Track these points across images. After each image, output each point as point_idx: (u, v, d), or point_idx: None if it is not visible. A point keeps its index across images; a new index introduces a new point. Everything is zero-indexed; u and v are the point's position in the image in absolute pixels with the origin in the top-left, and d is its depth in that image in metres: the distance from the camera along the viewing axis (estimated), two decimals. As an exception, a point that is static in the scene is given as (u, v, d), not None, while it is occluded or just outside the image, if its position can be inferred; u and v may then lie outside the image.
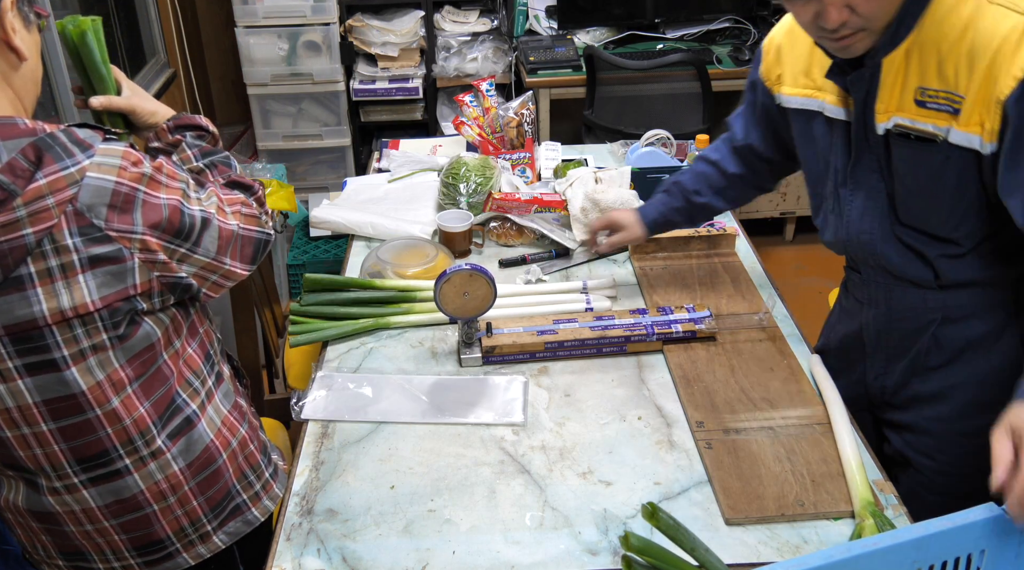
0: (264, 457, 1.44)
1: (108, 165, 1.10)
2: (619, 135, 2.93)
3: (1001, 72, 1.20)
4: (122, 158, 1.12)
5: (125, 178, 1.11)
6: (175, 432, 1.27)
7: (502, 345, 1.67)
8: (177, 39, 3.61)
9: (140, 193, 1.13)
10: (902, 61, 1.30)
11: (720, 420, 1.50)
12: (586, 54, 3.42)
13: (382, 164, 2.60)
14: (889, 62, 1.31)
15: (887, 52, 1.30)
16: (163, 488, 1.28)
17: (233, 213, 1.28)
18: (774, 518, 1.30)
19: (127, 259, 1.13)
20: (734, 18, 3.75)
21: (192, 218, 1.19)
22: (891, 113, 1.34)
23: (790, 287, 1.87)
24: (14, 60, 1.16)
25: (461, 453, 1.46)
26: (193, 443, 1.29)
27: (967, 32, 1.23)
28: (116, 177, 1.11)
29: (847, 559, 0.91)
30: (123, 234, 1.12)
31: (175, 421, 1.27)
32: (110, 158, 1.11)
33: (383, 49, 3.75)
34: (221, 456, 1.33)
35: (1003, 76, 1.20)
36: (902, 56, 1.30)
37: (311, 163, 3.98)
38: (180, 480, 1.29)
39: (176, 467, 1.28)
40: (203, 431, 1.31)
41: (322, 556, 1.27)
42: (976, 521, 0.98)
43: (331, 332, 1.76)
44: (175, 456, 1.28)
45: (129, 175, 1.12)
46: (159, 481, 1.27)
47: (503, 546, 1.28)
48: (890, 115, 1.34)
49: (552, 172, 2.36)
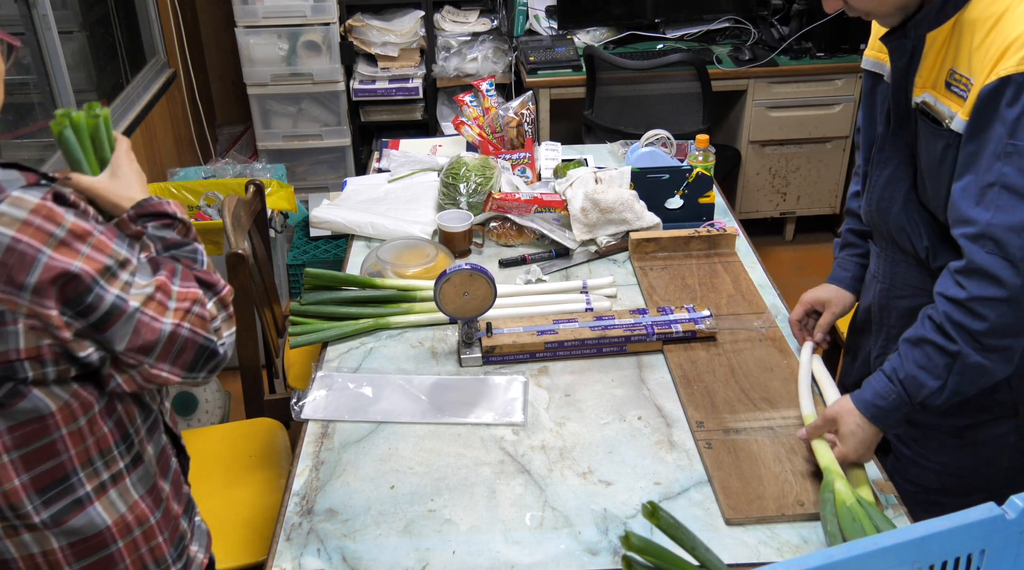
0: (174, 549, 1.24)
1: (10, 217, 0.96)
2: (619, 135, 2.93)
3: (997, 66, 1.20)
4: (31, 212, 0.97)
5: (26, 235, 0.97)
6: (59, 512, 1.11)
7: (502, 345, 1.67)
8: (177, 39, 3.61)
9: (42, 256, 0.97)
10: (946, 39, 1.30)
11: (720, 420, 1.50)
12: (586, 54, 3.42)
13: (382, 164, 2.60)
14: (932, 38, 1.31)
15: (933, 27, 1.30)
16: (39, 562, 1.13)
17: (176, 310, 1.10)
18: (774, 518, 1.30)
19: (9, 323, 0.98)
20: (734, 18, 3.75)
21: (100, 300, 1.02)
22: (925, 88, 1.34)
23: (790, 287, 1.87)
24: None
25: (461, 453, 1.46)
26: (80, 526, 1.13)
27: (998, 23, 1.22)
28: (15, 232, 0.96)
29: (847, 559, 0.91)
30: (8, 296, 0.97)
31: (62, 501, 1.11)
32: (16, 209, 0.97)
33: (383, 49, 3.75)
34: (116, 544, 1.17)
35: (995, 70, 1.20)
36: (947, 34, 1.29)
37: (311, 163, 3.98)
38: (59, 559, 1.14)
39: (55, 545, 1.13)
40: (96, 514, 1.14)
41: (322, 556, 1.27)
42: (976, 521, 0.97)
43: (331, 332, 1.76)
44: (56, 534, 1.12)
45: (32, 232, 0.97)
46: (34, 554, 1.13)
47: (503, 546, 1.28)
48: (924, 90, 1.35)
49: (552, 172, 2.36)
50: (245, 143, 4.15)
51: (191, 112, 3.75)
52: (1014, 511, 0.98)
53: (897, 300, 1.54)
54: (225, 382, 2.98)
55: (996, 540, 0.99)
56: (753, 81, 3.51)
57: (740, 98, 3.62)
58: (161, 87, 3.41)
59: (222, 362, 1.17)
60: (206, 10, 4.09)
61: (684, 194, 2.12)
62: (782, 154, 3.70)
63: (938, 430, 1.50)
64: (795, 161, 3.71)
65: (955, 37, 1.28)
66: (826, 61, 3.52)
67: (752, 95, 3.55)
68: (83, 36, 3.07)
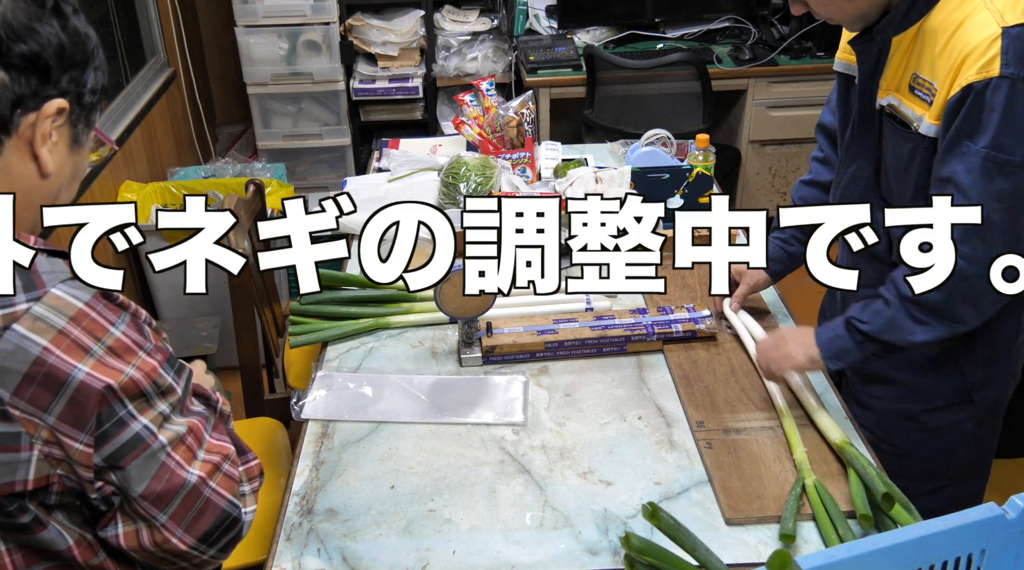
0: None
1: (47, 323, 0.84)
2: (619, 135, 2.93)
3: (959, 75, 1.25)
4: (72, 319, 0.85)
5: (60, 348, 0.84)
6: None
7: (502, 345, 1.67)
8: (177, 39, 3.61)
9: (77, 372, 0.85)
10: (910, 44, 1.34)
11: (720, 420, 1.50)
12: (586, 54, 3.42)
13: (382, 163, 2.59)
14: (898, 42, 1.36)
15: (897, 31, 1.34)
16: None
17: (205, 462, 0.96)
18: (774, 518, 1.30)
19: (23, 448, 0.86)
20: (734, 18, 3.75)
21: (126, 423, 0.89)
22: (890, 91, 1.39)
23: (790, 286, 1.88)
24: (32, 170, 0.93)
25: (461, 453, 1.46)
26: None
27: (959, 30, 1.26)
28: (48, 342, 0.84)
29: (847, 559, 0.91)
30: (29, 417, 0.85)
31: None
32: (56, 314, 0.84)
33: (383, 48, 3.75)
34: None
35: (958, 79, 1.25)
36: (911, 39, 1.34)
37: (311, 162, 3.98)
38: None
39: None
40: None
41: (322, 556, 1.27)
42: (976, 521, 0.98)
43: (331, 332, 1.76)
44: None
45: (68, 345, 0.84)
46: None
47: (503, 546, 1.28)
48: (888, 93, 1.40)
49: (552, 172, 2.36)
50: (245, 142, 4.15)
51: (191, 111, 3.75)
52: (1014, 511, 0.98)
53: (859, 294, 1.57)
54: (225, 381, 2.98)
55: (996, 540, 0.99)
56: (753, 80, 3.51)
57: (740, 98, 3.62)
58: (161, 86, 3.40)
59: (238, 539, 1.00)
60: (206, 10, 4.09)
61: (684, 194, 2.12)
62: (782, 153, 3.70)
63: (894, 414, 1.55)
64: (795, 161, 3.71)
65: (918, 42, 1.33)
66: (826, 60, 3.51)
67: (752, 95, 3.55)
68: (83, 35, 3.06)
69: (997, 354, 1.48)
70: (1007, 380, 1.52)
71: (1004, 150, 1.22)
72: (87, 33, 0.97)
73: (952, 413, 1.51)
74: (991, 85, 1.21)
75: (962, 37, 1.25)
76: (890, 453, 1.55)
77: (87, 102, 0.97)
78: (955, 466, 1.56)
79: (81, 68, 0.95)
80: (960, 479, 1.57)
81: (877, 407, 1.57)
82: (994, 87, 1.21)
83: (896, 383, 1.53)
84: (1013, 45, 1.20)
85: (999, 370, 1.49)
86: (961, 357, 1.46)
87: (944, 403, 1.50)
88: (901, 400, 1.53)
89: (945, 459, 1.55)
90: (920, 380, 1.50)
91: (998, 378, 1.50)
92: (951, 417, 1.51)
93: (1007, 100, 1.20)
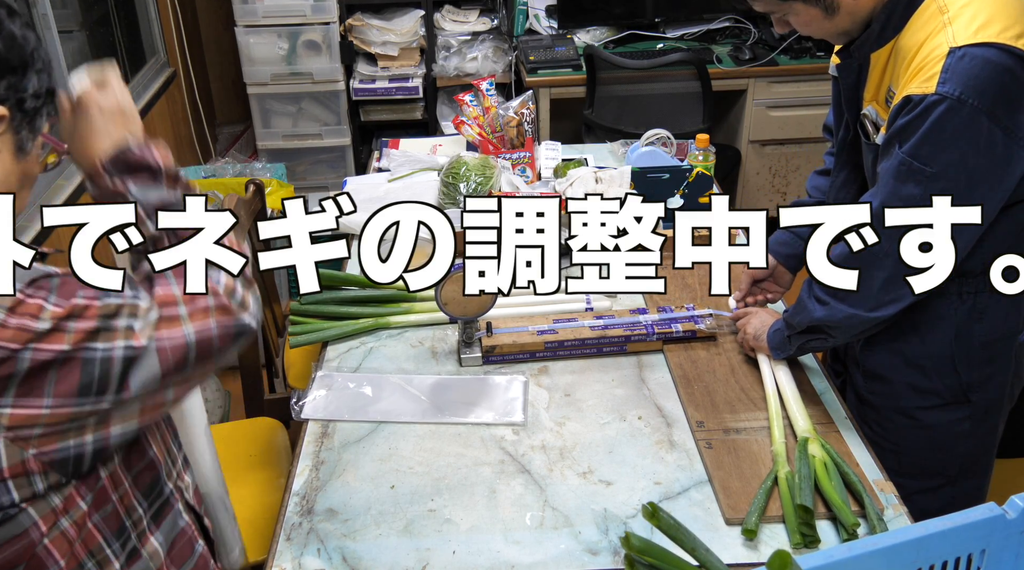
0: None
1: None
2: (619, 135, 2.93)
3: (906, 87, 1.30)
4: (7, 312, 0.83)
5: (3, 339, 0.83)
6: None
7: (502, 345, 1.67)
8: (177, 39, 3.61)
9: (22, 357, 0.83)
10: (886, 60, 1.40)
11: (720, 420, 1.50)
12: (586, 53, 3.42)
13: (382, 163, 2.59)
14: (876, 57, 1.41)
15: (874, 48, 1.40)
16: None
17: (192, 314, 0.96)
18: (774, 518, 1.30)
19: None
20: (734, 17, 3.74)
21: (107, 363, 0.88)
22: (869, 102, 1.45)
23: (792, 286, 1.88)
24: None
25: (461, 453, 1.46)
26: None
27: (921, 47, 1.31)
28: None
29: (847, 559, 0.91)
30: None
31: None
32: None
33: (383, 48, 3.75)
34: None
35: (903, 91, 1.30)
36: (887, 55, 1.39)
37: (311, 162, 3.98)
38: None
39: None
40: None
41: (322, 556, 1.27)
42: (976, 521, 0.98)
43: (331, 332, 1.76)
44: None
45: (10, 334, 0.83)
46: None
47: (503, 546, 1.28)
48: (868, 103, 1.45)
49: (552, 172, 2.36)
50: (245, 142, 4.15)
51: (191, 111, 3.75)
52: (1014, 511, 0.99)
53: None
54: (225, 381, 2.98)
55: (996, 540, 0.99)
56: (753, 80, 3.51)
57: (740, 97, 3.62)
58: (161, 86, 3.40)
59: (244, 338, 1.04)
60: (206, 9, 4.09)
61: (684, 194, 2.12)
62: (782, 153, 3.70)
63: (890, 410, 1.56)
64: (795, 161, 3.71)
65: (892, 59, 1.38)
66: (826, 60, 3.50)
67: (752, 94, 3.55)
68: (83, 35, 3.06)
69: (996, 354, 1.48)
70: (1006, 380, 1.52)
71: (920, 159, 1.28)
72: (25, 36, 0.94)
73: (949, 412, 1.51)
74: (926, 100, 1.26)
75: (920, 53, 1.30)
76: (888, 450, 1.55)
77: (29, 107, 0.95)
78: (952, 465, 1.56)
79: (20, 73, 0.93)
80: (958, 478, 1.58)
81: (876, 403, 1.58)
82: (929, 103, 1.25)
83: (894, 381, 1.53)
84: (955, 66, 1.24)
85: (998, 370, 1.49)
86: (958, 356, 1.47)
87: (941, 402, 1.51)
88: (899, 397, 1.54)
89: (942, 457, 1.56)
90: (917, 378, 1.50)
91: (997, 378, 1.50)
92: (948, 416, 1.52)
93: (938, 117, 1.25)
